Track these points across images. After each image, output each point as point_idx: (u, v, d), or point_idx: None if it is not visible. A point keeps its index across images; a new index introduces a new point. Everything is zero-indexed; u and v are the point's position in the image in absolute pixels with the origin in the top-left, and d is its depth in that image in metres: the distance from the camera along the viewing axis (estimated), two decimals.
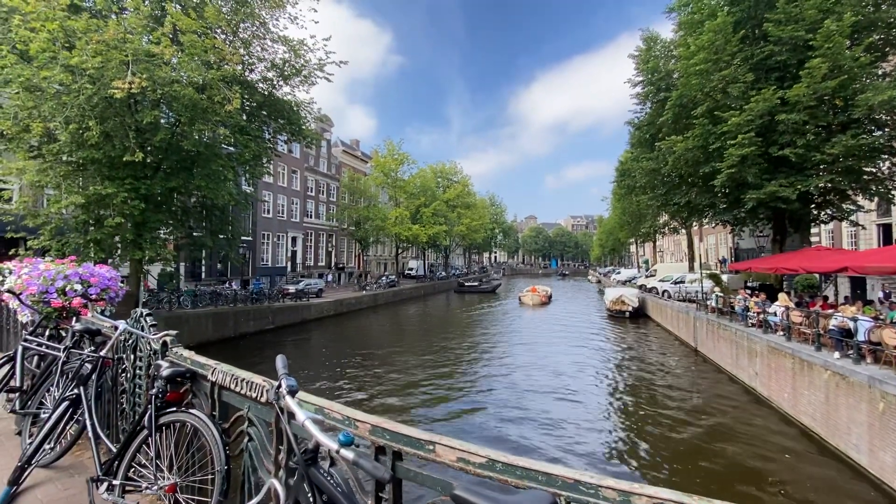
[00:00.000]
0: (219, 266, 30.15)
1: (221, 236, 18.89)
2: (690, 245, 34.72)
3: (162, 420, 2.46)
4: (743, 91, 14.37)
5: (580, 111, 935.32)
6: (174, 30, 13.62)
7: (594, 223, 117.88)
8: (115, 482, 2.48)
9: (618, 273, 56.22)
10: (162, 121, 14.42)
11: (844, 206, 15.78)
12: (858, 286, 17.80)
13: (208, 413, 2.43)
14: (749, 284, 20.04)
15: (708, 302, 19.01)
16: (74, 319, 3.92)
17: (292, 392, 1.75)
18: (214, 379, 2.40)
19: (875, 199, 16.29)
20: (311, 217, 42.85)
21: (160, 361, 2.72)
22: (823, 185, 14.43)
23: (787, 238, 17.44)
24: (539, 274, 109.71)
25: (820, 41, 12.74)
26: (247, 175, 19.00)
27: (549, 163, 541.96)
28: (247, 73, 16.38)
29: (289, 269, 38.47)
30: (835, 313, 10.94)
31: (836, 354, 9.88)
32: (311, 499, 1.55)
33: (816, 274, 16.43)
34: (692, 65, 14.98)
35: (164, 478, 2.43)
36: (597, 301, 42.73)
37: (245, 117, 16.63)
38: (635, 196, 27.22)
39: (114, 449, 2.73)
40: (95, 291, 4.17)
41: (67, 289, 3.99)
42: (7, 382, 3.90)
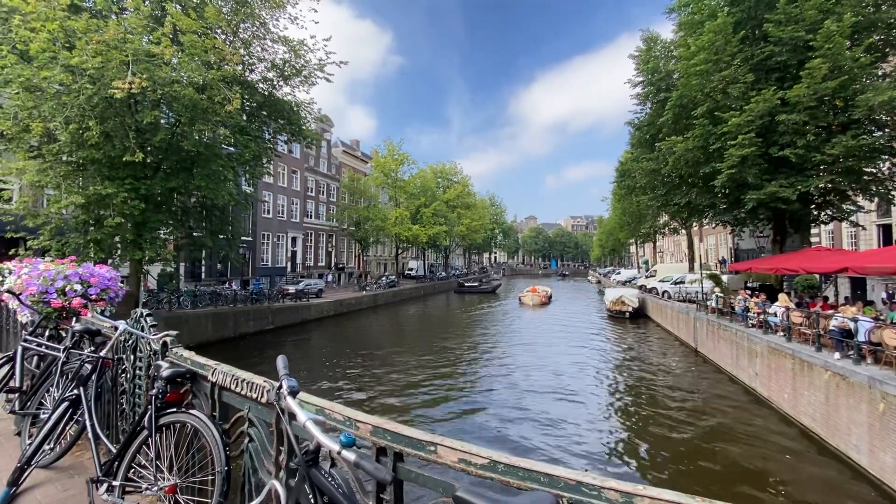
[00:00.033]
0: (219, 266, 30.14)
1: (221, 236, 18.88)
2: (690, 245, 34.69)
3: (162, 421, 2.46)
4: (743, 91, 14.37)
5: (580, 111, 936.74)
6: (174, 30, 13.62)
7: (594, 223, 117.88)
8: (115, 483, 2.48)
9: (618, 273, 56.13)
10: (162, 121, 14.40)
11: (844, 207, 15.78)
12: (859, 287, 17.77)
13: (208, 414, 2.42)
14: (749, 285, 20.03)
15: (708, 302, 19.01)
16: (74, 320, 3.90)
17: (293, 393, 1.74)
18: (215, 379, 2.39)
19: (875, 200, 16.29)
20: (311, 217, 42.82)
21: (160, 362, 2.71)
22: (823, 186, 14.44)
23: (788, 238, 17.44)
24: (539, 274, 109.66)
25: (820, 42, 12.75)
26: (247, 175, 19.02)
27: (549, 163, 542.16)
28: (247, 74, 16.37)
29: (289, 270, 38.45)
30: (835, 314, 10.94)
31: (837, 355, 9.87)
32: (312, 500, 1.54)
33: (816, 274, 16.41)
34: (692, 65, 14.99)
35: (164, 478, 2.43)
36: (597, 301, 42.71)
37: (245, 117, 16.62)
38: (635, 196, 27.20)
39: (114, 449, 2.72)
40: (95, 292, 4.16)
41: (67, 289, 3.98)
42: (7, 383, 3.89)
